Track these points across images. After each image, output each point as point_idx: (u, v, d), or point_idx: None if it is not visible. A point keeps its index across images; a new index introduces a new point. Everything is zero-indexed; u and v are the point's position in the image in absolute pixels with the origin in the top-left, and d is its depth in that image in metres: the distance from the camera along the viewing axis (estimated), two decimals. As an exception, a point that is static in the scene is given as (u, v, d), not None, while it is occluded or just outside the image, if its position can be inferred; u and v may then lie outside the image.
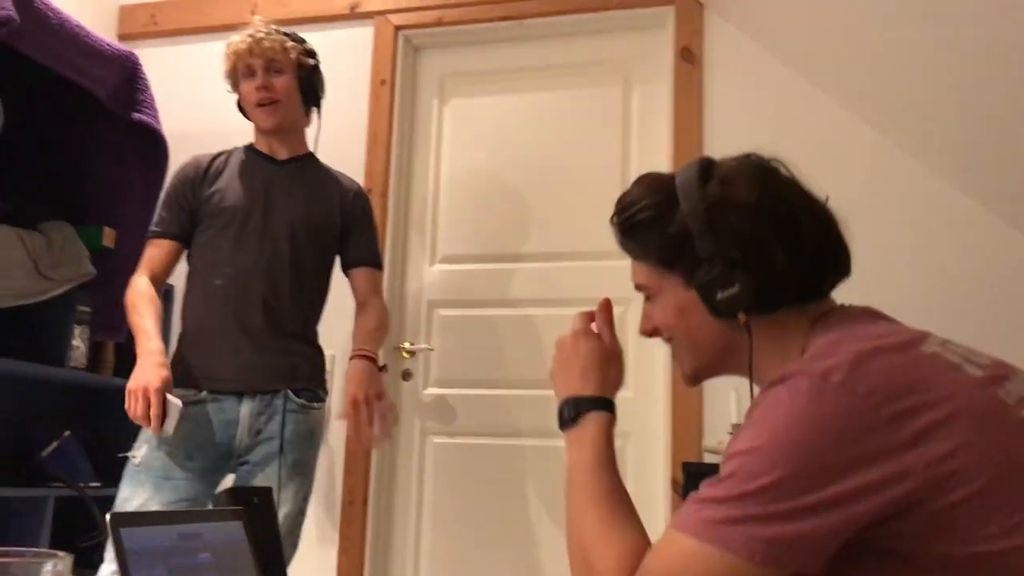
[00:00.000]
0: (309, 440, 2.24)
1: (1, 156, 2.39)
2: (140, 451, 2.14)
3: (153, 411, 2.02)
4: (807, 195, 1.12)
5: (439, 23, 3.10)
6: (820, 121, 2.70)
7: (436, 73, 3.20)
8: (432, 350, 2.99)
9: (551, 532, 2.78)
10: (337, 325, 3.03)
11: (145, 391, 2.04)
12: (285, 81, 2.32)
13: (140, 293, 2.23)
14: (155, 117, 2.76)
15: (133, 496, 2.10)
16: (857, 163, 2.66)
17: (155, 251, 2.29)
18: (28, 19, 2.31)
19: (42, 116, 2.77)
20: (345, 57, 3.18)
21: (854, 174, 2.66)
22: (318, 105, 2.45)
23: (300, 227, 2.30)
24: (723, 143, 2.76)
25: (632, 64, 3.01)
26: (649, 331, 1.19)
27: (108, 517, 1.10)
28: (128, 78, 2.71)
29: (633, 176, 2.83)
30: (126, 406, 2.05)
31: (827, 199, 1.13)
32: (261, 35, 2.29)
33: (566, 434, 1.15)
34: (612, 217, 1.18)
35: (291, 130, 2.38)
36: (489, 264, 2.99)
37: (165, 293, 3.08)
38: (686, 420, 2.64)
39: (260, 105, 2.31)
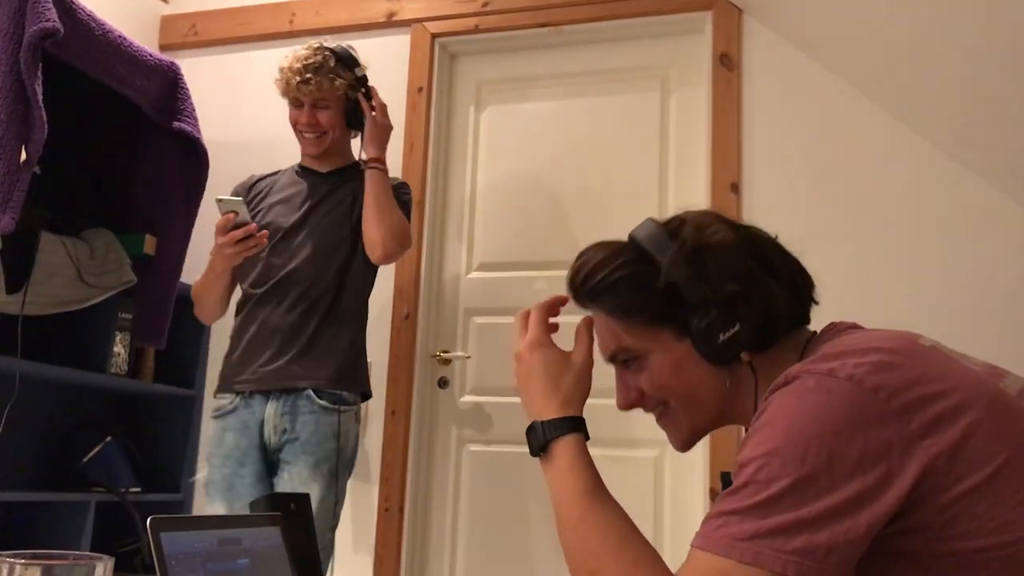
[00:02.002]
0: (332, 442, 2.26)
1: (45, 165, 2.43)
2: (202, 472, 2.37)
3: (219, 222, 2.24)
4: (765, 234, 1.11)
5: (476, 30, 3.11)
6: (861, 125, 2.67)
7: (473, 80, 3.20)
8: (469, 358, 2.99)
9: (588, 541, 2.76)
10: (373, 331, 3.04)
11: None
12: (330, 116, 2.44)
13: None
14: (195, 126, 2.80)
15: (210, 512, 2.26)
16: (899, 168, 2.62)
17: None
18: (72, 30, 2.34)
19: (85, 125, 2.81)
20: (382, 65, 3.18)
21: (896, 179, 2.61)
22: (362, 127, 2.49)
23: (337, 234, 2.40)
24: (762, 149, 2.73)
25: (670, 70, 2.99)
26: (632, 402, 1.14)
27: (149, 523, 1.11)
28: (169, 87, 2.75)
29: (672, 183, 2.85)
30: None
31: (776, 236, 1.11)
32: (310, 73, 2.37)
33: (540, 463, 1.11)
34: (574, 282, 1.14)
35: (334, 150, 2.50)
36: (526, 272, 2.98)
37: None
38: (724, 429, 2.61)
39: (305, 134, 2.46)
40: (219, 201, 2.27)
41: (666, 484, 2.74)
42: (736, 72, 2.80)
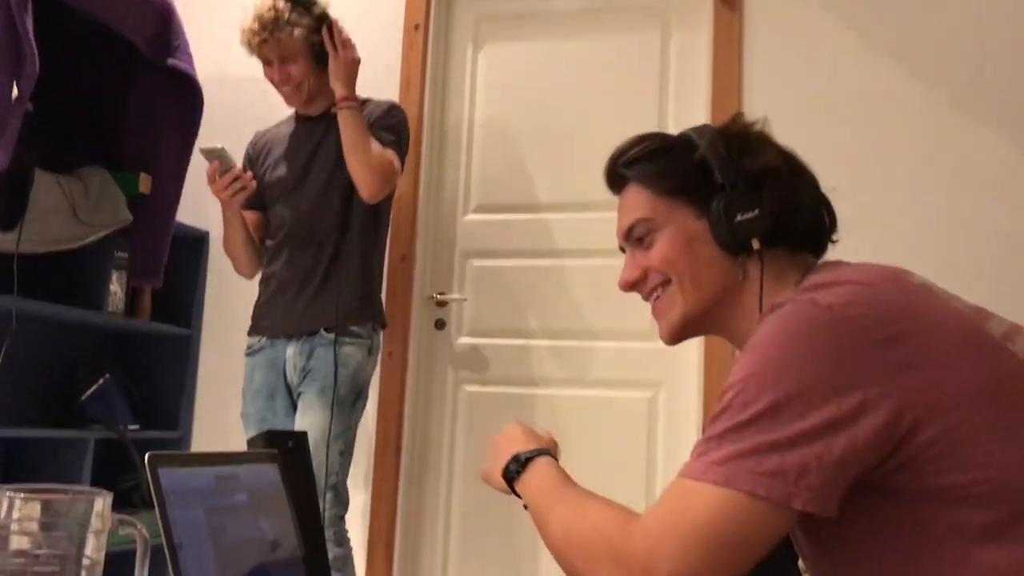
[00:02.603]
0: (334, 370, 2.34)
1: (38, 102, 2.40)
2: (243, 406, 2.48)
3: (208, 172, 2.36)
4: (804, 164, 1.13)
5: (474, -33, 3.06)
6: (864, 71, 2.64)
7: (470, 18, 3.15)
8: (465, 300, 2.99)
9: (581, 479, 2.79)
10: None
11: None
12: (300, 67, 2.44)
13: None
14: (190, 63, 2.76)
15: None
16: (901, 112, 2.60)
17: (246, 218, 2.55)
18: (63, -37, 2.30)
19: (78, 63, 2.78)
20: (378, 2, 3.14)
21: (898, 124, 2.60)
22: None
23: (335, 177, 2.43)
24: (763, 91, 2.71)
25: (671, 10, 2.94)
26: (635, 278, 1.13)
27: (147, 458, 1.12)
28: (163, 24, 2.70)
29: (671, 125, 2.83)
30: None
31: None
32: (267, 32, 2.37)
33: (517, 484, 1.15)
34: (613, 158, 1.15)
35: (318, 94, 2.50)
36: (523, 214, 2.97)
37: (201, 240, 3.11)
38: (719, 371, 2.63)
39: (282, 89, 2.49)
40: (202, 151, 2.37)
41: (659, 425, 2.77)
42: (738, 14, 2.76)
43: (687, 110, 2.85)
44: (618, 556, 0.91)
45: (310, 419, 2.32)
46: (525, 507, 1.11)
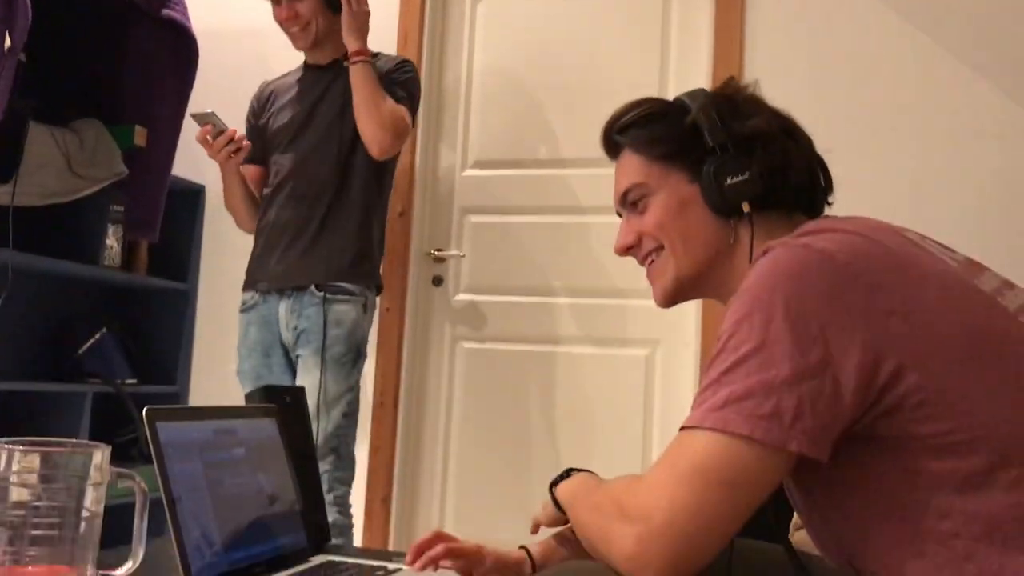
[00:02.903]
0: (332, 329, 2.32)
1: (31, 54, 2.37)
2: (237, 363, 2.47)
3: (199, 136, 2.35)
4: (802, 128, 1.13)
5: (473, -82, 3.00)
6: (868, 24, 2.61)
7: (470, -29, 3.11)
8: (463, 256, 2.99)
9: (578, 436, 2.81)
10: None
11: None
12: (309, 5, 2.39)
13: None
14: (185, 14, 2.72)
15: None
16: (905, 67, 2.57)
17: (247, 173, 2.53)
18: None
19: (72, 14, 2.74)
20: (377, -46, 3.09)
21: (902, 79, 2.57)
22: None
23: (337, 128, 2.40)
24: (765, 48, 2.68)
25: (672, -37, 2.90)
26: (631, 242, 1.14)
27: (144, 412, 1.12)
28: (157, -26, 2.66)
29: (672, 80, 2.81)
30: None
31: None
32: None
33: (556, 489, 1.14)
34: (609, 123, 1.15)
35: (325, 40, 2.45)
36: (522, 170, 2.96)
37: (197, 194, 3.10)
38: (717, 329, 2.63)
39: (290, 29, 2.43)
40: (193, 116, 2.34)
41: (656, 382, 2.78)
42: (741, -34, 2.72)
43: (689, 62, 2.82)
44: (622, 510, 0.92)
45: (309, 383, 2.29)
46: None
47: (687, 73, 2.81)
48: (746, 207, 1.05)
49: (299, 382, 2.33)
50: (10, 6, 2.16)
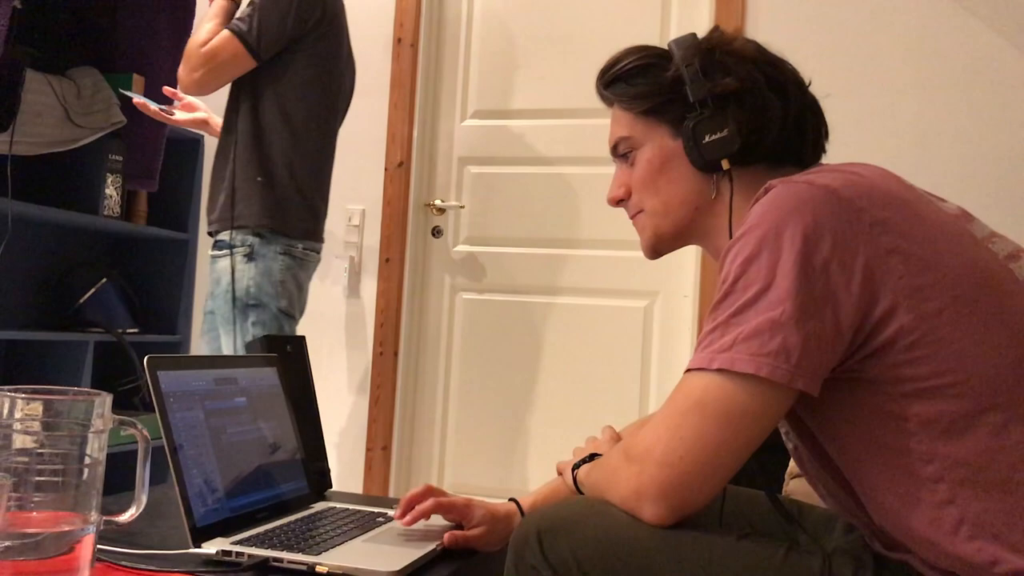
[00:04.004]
0: (217, 287, 2.19)
1: (28, 2, 2.34)
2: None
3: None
4: (795, 71, 1.10)
5: None
6: (871, -26, 2.58)
7: (470, -83, 3.06)
8: (463, 207, 2.98)
9: (577, 387, 2.83)
10: (366, 178, 3.03)
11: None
12: None
13: None
14: (181, -38, 2.69)
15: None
16: (905, 16, 2.55)
17: None
18: None
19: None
20: (375, -102, 3.05)
21: (903, 27, 2.55)
22: None
23: None
24: (767, 6, 2.65)
25: (676, -90, 2.86)
26: (620, 196, 1.16)
27: (146, 360, 1.13)
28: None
29: (674, 27, 2.78)
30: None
31: (810, 82, 1.11)
32: None
33: (578, 472, 1.15)
34: (600, 73, 1.16)
35: None
36: (522, 120, 2.94)
37: (196, 144, 3.08)
38: (715, 281, 2.64)
39: None
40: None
41: (654, 333, 2.79)
42: (745, -87, 2.68)
43: (690, 8, 2.78)
44: (627, 452, 0.94)
45: (208, 342, 2.23)
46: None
47: (688, 21, 2.78)
48: (726, 164, 1.05)
49: None
50: (4, -49, 2.13)
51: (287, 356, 1.49)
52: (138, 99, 2.37)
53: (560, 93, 2.89)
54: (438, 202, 2.99)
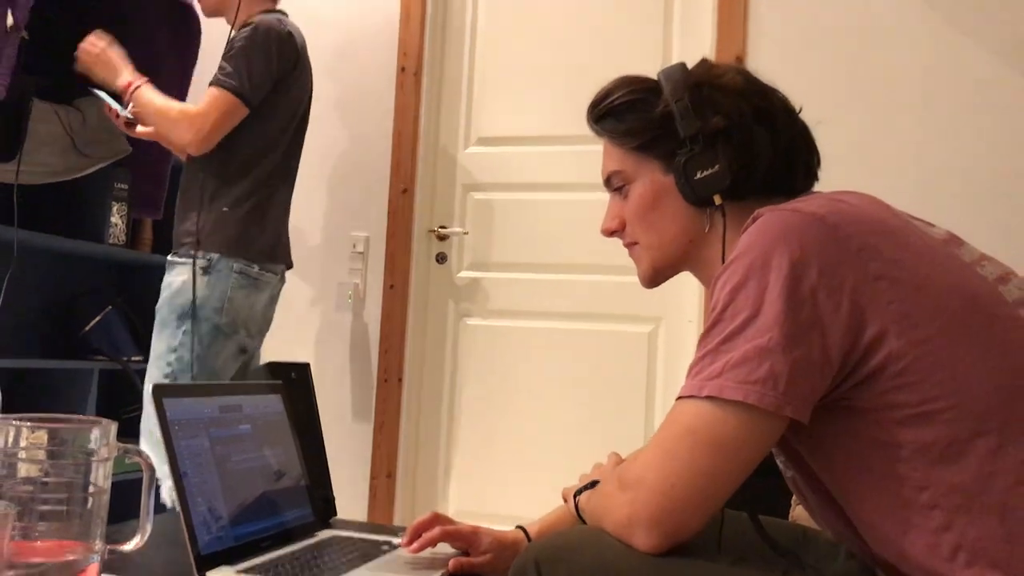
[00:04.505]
0: (165, 291, 2.26)
1: (36, 31, 2.37)
2: None
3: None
4: (785, 99, 1.11)
5: None
6: (871, 2, 2.59)
7: (472, -53, 3.09)
8: (467, 233, 2.99)
9: (581, 414, 2.83)
10: (370, 205, 3.04)
11: None
12: None
13: None
14: (187, -9, 2.72)
15: None
16: (908, 42, 2.56)
17: None
18: None
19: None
20: (379, -71, 3.08)
21: (905, 53, 2.56)
22: None
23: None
24: (768, 22, 2.66)
25: (676, -62, 2.88)
26: (613, 228, 1.18)
27: (151, 389, 1.13)
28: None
29: (675, 55, 2.80)
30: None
31: (800, 109, 1.12)
32: None
33: (580, 498, 1.13)
34: (590, 105, 1.17)
35: (222, 8, 2.43)
36: (525, 147, 2.95)
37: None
38: (719, 306, 2.64)
39: None
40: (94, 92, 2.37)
41: (659, 358, 2.79)
42: (745, -59, 2.70)
43: (692, 38, 2.80)
44: (620, 480, 0.94)
45: (153, 347, 2.29)
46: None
47: (690, 49, 2.79)
48: (718, 200, 1.06)
49: None
50: (12, -16, 2.15)
51: (292, 383, 1.49)
52: (108, 101, 2.36)
53: (562, 120, 2.90)
54: (442, 228, 3.00)
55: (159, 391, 1.13)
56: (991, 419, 0.84)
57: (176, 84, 2.76)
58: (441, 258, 3.01)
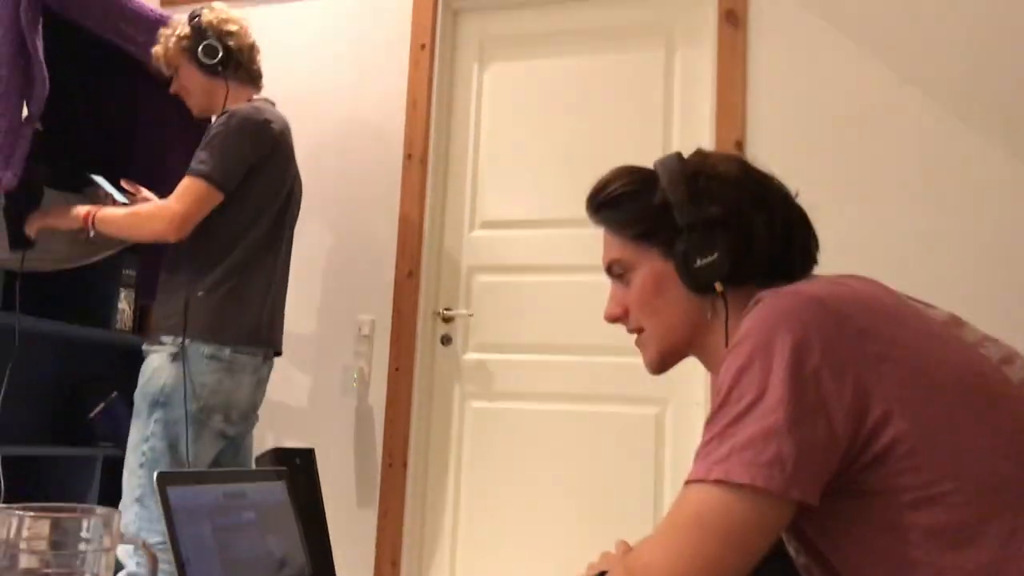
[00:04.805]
0: (140, 381, 2.26)
1: (47, 121, 2.42)
2: None
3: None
4: (781, 184, 1.13)
5: (479, -14, 3.08)
6: (867, 85, 2.65)
7: (476, 37, 3.18)
8: (471, 315, 3.00)
9: (587, 497, 2.79)
10: (376, 289, 3.06)
11: None
12: (183, 76, 2.44)
13: None
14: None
15: None
16: (905, 127, 2.60)
17: None
18: (72, -16, 2.33)
19: (86, 82, 2.80)
20: (385, 21, 3.17)
21: (902, 139, 2.60)
22: (224, 65, 2.41)
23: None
24: (767, 108, 2.72)
25: (674, 27, 2.96)
26: (617, 315, 1.19)
27: (155, 476, 1.12)
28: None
29: (675, 142, 2.84)
30: None
31: (797, 193, 1.14)
32: (156, 48, 2.43)
33: None
34: (588, 196, 1.19)
35: (211, 107, 2.48)
36: (529, 230, 2.99)
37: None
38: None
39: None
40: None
41: (667, 441, 2.76)
42: (742, 30, 2.77)
43: (692, 125, 2.86)
44: (628, 568, 0.93)
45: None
46: None
47: (690, 135, 2.84)
48: (719, 287, 1.07)
49: None
50: (29, 76, 2.21)
51: (296, 468, 1.48)
52: (106, 187, 2.42)
53: (564, 204, 2.94)
54: (447, 311, 3.01)
55: (163, 479, 1.13)
56: (1003, 502, 0.83)
57: (184, 172, 2.80)
58: (446, 340, 3.01)
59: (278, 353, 2.43)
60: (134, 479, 2.21)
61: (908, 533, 0.85)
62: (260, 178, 2.33)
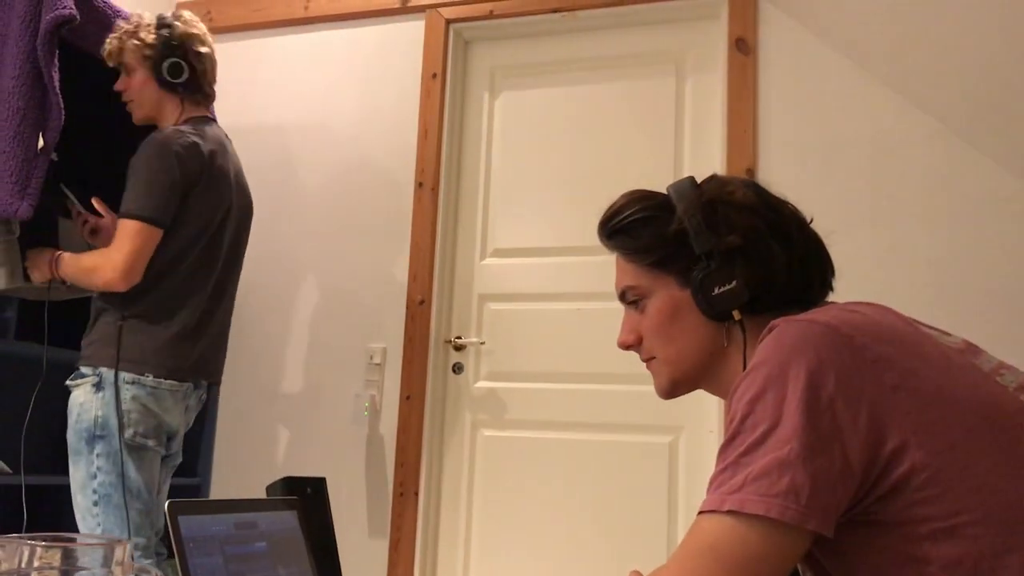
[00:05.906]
0: (71, 420, 2.17)
1: (62, 152, 2.44)
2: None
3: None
4: (796, 211, 1.12)
5: (490, 16, 3.10)
6: (877, 111, 2.65)
7: (487, 66, 3.20)
8: (483, 344, 3.00)
9: (600, 525, 2.77)
10: (388, 317, 3.06)
11: None
12: (136, 82, 2.34)
13: None
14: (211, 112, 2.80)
15: None
16: (915, 153, 2.60)
17: None
18: (88, 16, 2.35)
19: (101, 112, 2.82)
20: (396, 51, 3.19)
21: (912, 164, 2.60)
22: (184, 85, 2.34)
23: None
24: (778, 135, 2.72)
25: (685, 55, 2.98)
26: (631, 341, 1.17)
27: (167, 505, 1.12)
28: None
29: (686, 169, 2.85)
30: None
31: (811, 220, 1.13)
32: (111, 38, 2.33)
33: None
34: (601, 222, 1.17)
35: (157, 119, 2.38)
36: (540, 258, 2.99)
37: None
38: (739, 415, 2.61)
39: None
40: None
41: (680, 469, 2.75)
42: (752, 57, 2.78)
43: (703, 152, 2.86)
44: None
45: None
46: None
47: (701, 163, 2.85)
48: (737, 315, 1.06)
49: None
50: (44, 108, 2.23)
51: (308, 498, 1.48)
52: (73, 200, 2.41)
53: (576, 231, 2.94)
54: (458, 339, 3.01)
55: (174, 508, 1.12)
56: (1021, 532, 0.82)
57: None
58: (458, 368, 3.01)
59: (214, 383, 2.36)
60: (90, 520, 2.09)
61: (925, 565, 0.83)
62: (191, 204, 2.24)
